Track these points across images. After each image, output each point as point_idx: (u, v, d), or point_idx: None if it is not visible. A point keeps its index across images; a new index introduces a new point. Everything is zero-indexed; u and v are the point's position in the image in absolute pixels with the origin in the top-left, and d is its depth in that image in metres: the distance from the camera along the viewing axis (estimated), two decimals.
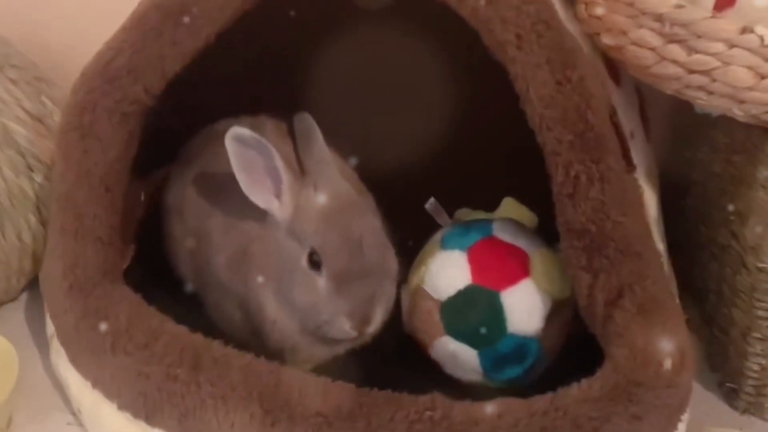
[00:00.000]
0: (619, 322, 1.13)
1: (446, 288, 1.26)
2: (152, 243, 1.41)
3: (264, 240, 1.25)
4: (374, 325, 1.21)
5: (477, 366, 1.25)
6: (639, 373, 1.10)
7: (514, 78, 1.14)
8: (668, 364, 1.10)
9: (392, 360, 1.28)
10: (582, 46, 1.19)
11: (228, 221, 1.29)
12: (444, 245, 1.29)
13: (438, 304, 1.26)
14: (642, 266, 1.15)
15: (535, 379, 1.26)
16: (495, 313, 1.23)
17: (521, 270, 1.25)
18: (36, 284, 1.38)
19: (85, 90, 1.24)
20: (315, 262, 1.20)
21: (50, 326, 1.30)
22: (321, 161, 1.27)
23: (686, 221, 1.49)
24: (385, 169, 1.41)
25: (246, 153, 1.20)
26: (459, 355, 1.25)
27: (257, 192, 1.22)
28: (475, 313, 1.24)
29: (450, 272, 1.26)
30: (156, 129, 1.32)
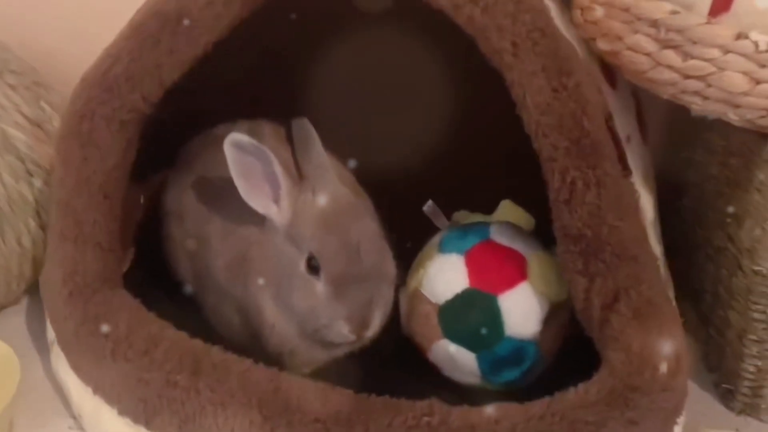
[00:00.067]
0: (615, 326, 1.13)
1: (444, 292, 1.26)
2: (151, 245, 1.41)
3: (263, 245, 1.26)
4: (372, 329, 1.22)
5: (475, 369, 1.26)
6: (635, 378, 1.10)
7: (511, 85, 1.14)
8: (664, 368, 1.11)
9: (391, 362, 1.29)
10: (578, 52, 1.19)
11: (227, 226, 1.29)
12: (442, 249, 1.29)
13: (436, 308, 1.26)
14: (638, 270, 1.15)
15: (533, 381, 1.27)
16: (493, 317, 1.23)
17: (518, 273, 1.25)
18: (36, 288, 1.38)
19: (84, 98, 1.24)
20: (313, 267, 1.20)
21: (51, 332, 1.31)
22: (319, 166, 1.27)
23: (683, 222, 1.49)
24: (384, 171, 1.41)
25: (244, 159, 1.21)
26: (457, 359, 1.26)
27: (256, 197, 1.23)
28: (473, 317, 1.24)
29: (448, 276, 1.26)
30: (155, 131, 1.32)
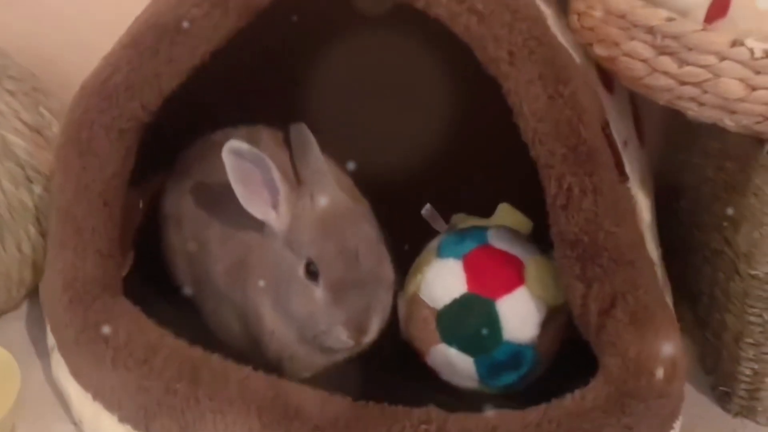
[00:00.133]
0: (612, 332, 1.14)
1: (442, 296, 1.26)
2: (151, 248, 1.42)
3: (261, 250, 1.26)
4: (371, 334, 1.22)
5: (473, 373, 1.26)
6: (631, 384, 1.11)
7: (507, 93, 1.15)
8: (660, 374, 1.11)
9: (390, 365, 1.29)
10: (575, 59, 1.20)
11: (226, 231, 1.30)
12: (440, 253, 1.30)
13: (434, 313, 1.27)
14: (635, 275, 1.16)
15: (531, 384, 1.27)
16: (491, 322, 1.24)
17: (516, 278, 1.26)
18: (36, 293, 1.38)
19: (83, 107, 1.24)
20: (312, 273, 1.21)
21: (51, 338, 1.31)
22: (317, 171, 1.28)
23: (680, 224, 1.50)
24: (383, 174, 1.41)
25: (243, 166, 1.21)
26: (455, 363, 1.26)
27: (254, 204, 1.23)
28: (471, 322, 1.25)
29: (446, 281, 1.27)
30: (154, 133, 1.32)
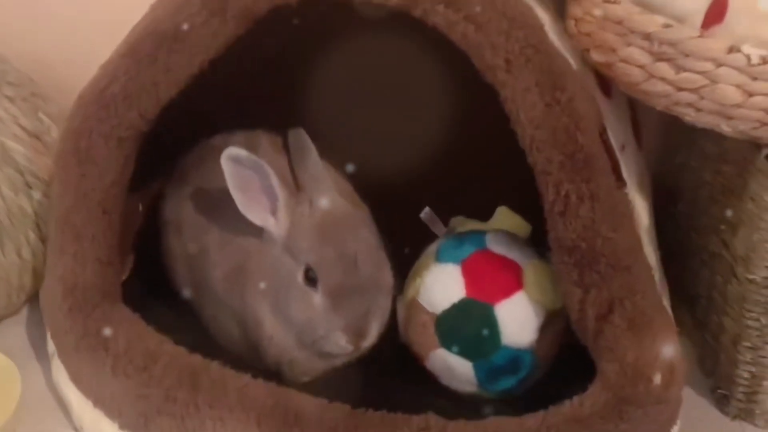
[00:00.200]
0: (610, 337, 1.14)
1: (441, 301, 1.27)
2: (150, 252, 1.42)
3: (260, 256, 1.26)
4: (370, 340, 1.23)
5: (472, 378, 1.26)
6: (629, 390, 1.11)
7: (504, 101, 1.15)
8: (658, 380, 1.12)
9: (389, 370, 1.29)
10: (572, 66, 1.20)
11: (225, 237, 1.30)
12: (438, 258, 1.30)
13: (433, 318, 1.27)
14: (632, 281, 1.16)
15: (530, 388, 1.28)
16: (489, 326, 1.24)
17: (515, 282, 1.26)
18: (37, 298, 1.38)
19: (81, 116, 1.24)
20: (311, 279, 1.21)
21: (51, 345, 1.31)
22: (316, 176, 1.28)
23: (678, 227, 1.50)
24: (382, 177, 1.41)
25: (242, 172, 1.21)
26: (454, 368, 1.27)
27: (253, 210, 1.24)
28: (470, 327, 1.25)
29: (444, 286, 1.27)
30: (153, 138, 1.32)
